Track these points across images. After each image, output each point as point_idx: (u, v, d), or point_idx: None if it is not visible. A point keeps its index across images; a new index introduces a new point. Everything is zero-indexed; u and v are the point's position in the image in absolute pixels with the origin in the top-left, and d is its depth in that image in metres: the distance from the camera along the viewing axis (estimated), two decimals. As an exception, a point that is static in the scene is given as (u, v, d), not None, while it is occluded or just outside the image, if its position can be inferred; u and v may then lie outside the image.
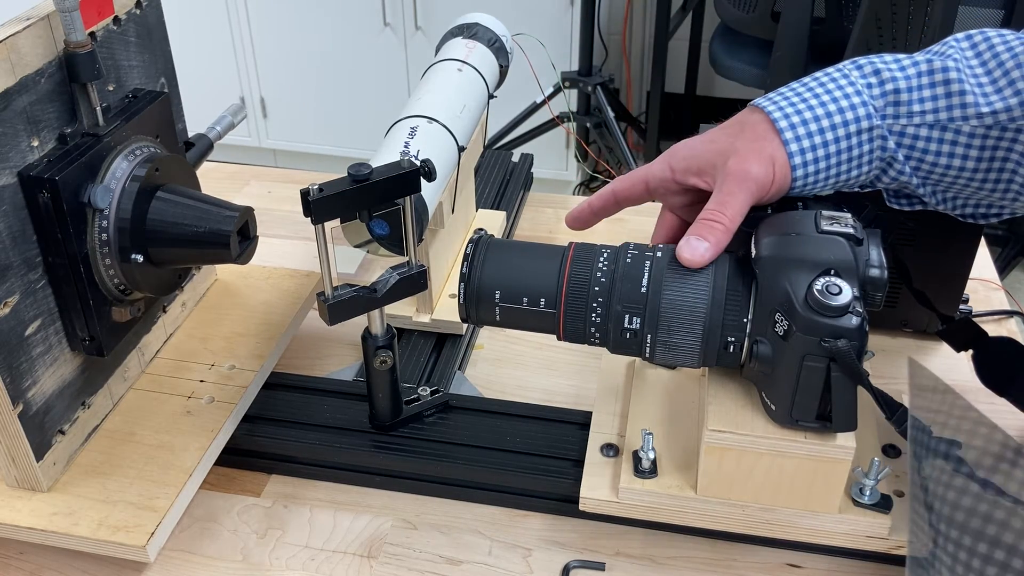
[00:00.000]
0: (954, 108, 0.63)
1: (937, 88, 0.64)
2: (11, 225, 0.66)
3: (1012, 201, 0.67)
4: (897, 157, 0.65)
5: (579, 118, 2.47)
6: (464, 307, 0.69)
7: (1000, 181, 0.65)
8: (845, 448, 0.65)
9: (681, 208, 0.70)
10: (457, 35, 1.00)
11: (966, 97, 0.63)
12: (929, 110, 0.64)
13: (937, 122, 0.64)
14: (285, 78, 2.79)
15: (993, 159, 0.64)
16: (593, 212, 0.73)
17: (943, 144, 0.64)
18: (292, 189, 1.18)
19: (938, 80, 0.64)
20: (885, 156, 0.65)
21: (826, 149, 0.64)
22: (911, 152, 0.65)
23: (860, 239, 0.63)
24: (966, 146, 0.64)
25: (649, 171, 0.69)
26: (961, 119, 0.63)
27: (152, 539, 0.69)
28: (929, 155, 0.65)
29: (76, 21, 0.67)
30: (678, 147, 0.68)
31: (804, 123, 0.63)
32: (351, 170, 0.68)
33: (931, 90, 0.64)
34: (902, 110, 0.64)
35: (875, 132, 0.64)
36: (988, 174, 0.65)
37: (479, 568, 0.73)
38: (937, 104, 0.64)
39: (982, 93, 0.63)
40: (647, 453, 0.71)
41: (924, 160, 0.65)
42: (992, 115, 0.62)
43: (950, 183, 0.66)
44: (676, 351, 0.66)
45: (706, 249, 0.63)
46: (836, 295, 0.60)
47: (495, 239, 0.71)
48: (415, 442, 0.80)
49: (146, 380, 0.84)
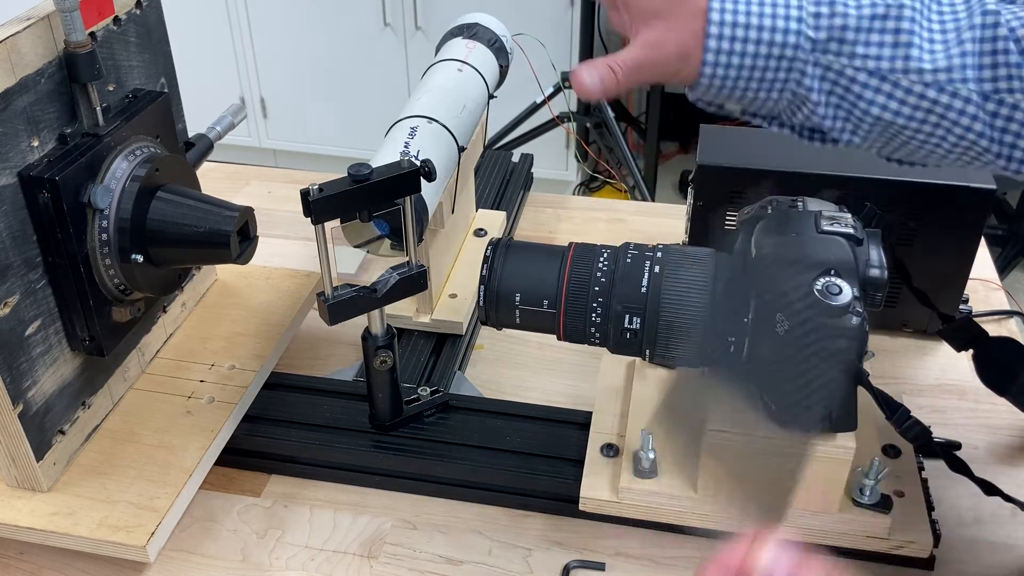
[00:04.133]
0: (897, 59, 0.60)
1: (886, 35, 0.60)
2: (11, 225, 0.66)
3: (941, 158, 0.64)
4: (811, 96, 0.63)
5: (579, 118, 2.47)
6: (484, 310, 0.69)
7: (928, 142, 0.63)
8: (845, 448, 0.65)
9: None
10: (457, 35, 1.00)
11: (911, 50, 0.60)
12: (872, 55, 0.61)
13: (878, 70, 0.61)
14: (285, 78, 2.79)
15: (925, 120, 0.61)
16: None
17: (879, 94, 0.61)
18: (292, 189, 1.18)
19: (889, 27, 0.60)
20: (799, 92, 0.63)
21: (740, 60, 0.62)
22: (845, 95, 0.62)
23: (860, 239, 0.63)
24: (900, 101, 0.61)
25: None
26: (902, 71, 0.60)
27: (152, 539, 0.69)
28: (862, 102, 0.62)
29: (76, 21, 0.67)
30: None
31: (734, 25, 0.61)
32: (351, 170, 0.68)
33: (879, 35, 0.60)
34: (845, 48, 0.61)
35: (795, 64, 0.62)
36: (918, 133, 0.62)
37: (479, 568, 0.73)
38: (882, 51, 0.60)
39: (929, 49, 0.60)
40: (647, 453, 0.71)
41: (857, 106, 0.62)
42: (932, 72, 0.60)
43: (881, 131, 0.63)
44: (676, 351, 0.66)
45: (595, 87, 0.63)
46: (836, 295, 0.60)
47: (515, 241, 0.71)
48: (415, 442, 0.80)
49: (146, 380, 0.84)
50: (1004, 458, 0.81)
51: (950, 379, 0.89)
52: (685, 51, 0.62)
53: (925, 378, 0.89)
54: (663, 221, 1.14)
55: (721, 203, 0.88)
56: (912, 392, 0.87)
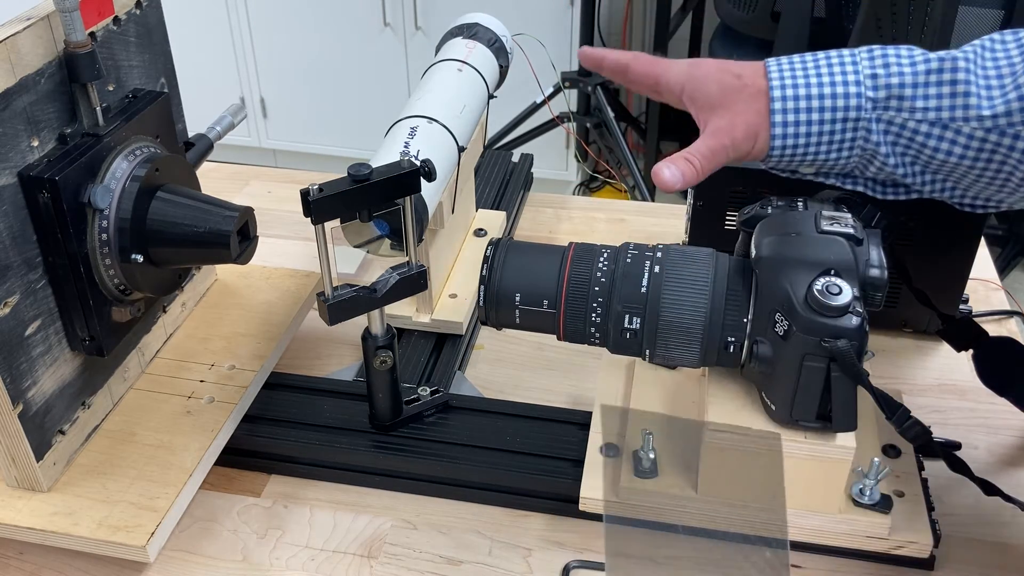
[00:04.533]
0: (956, 108, 0.64)
1: (943, 87, 0.64)
2: (11, 225, 0.66)
3: (1009, 195, 0.67)
4: (879, 151, 0.67)
5: (579, 118, 2.47)
6: (484, 310, 0.69)
7: (997, 179, 0.66)
8: (845, 448, 0.65)
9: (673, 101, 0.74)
10: (457, 35, 1.00)
11: (969, 99, 0.64)
12: (932, 107, 0.65)
13: (939, 120, 0.65)
14: (285, 78, 2.79)
15: (991, 160, 0.65)
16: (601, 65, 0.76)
17: (943, 141, 0.65)
18: (292, 189, 1.18)
19: (946, 79, 0.64)
20: (868, 147, 0.67)
21: (808, 128, 0.66)
22: (910, 144, 0.66)
23: (860, 239, 0.63)
24: (964, 146, 0.65)
25: (665, 74, 0.72)
26: (963, 120, 0.64)
27: (152, 539, 0.69)
28: (927, 149, 0.66)
29: (76, 21, 0.67)
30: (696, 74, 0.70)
31: (796, 99, 0.66)
32: (351, 170, 0.68)
33: (937, 88, 0.65)
34: (905, 104, 0.65)
35: (860, 123, 0.66)
36: (985, 172, 0.66)
37: (479, 568, 0.73)
38: (941, 103, 0.64)
39: (987, 95, 0.64)
40: (647, 453, 0.71)
41: (923, 153, 0.66)
42: (992, 118, 0.63)
43: (948, 173, 0.67)
44: (676, 351, 0.67)
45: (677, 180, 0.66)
46: (836, 295, 0.60)
47: (515, 241, 0.71)
48: (415, 442, 0.80)
49: (146, 380, 0.84)
50: (1004, 458, 0.81)
51: (950, 379, 0.89)
52: (753, 131, 0.67)
53: (925, 378, 0.89)
54: (663, 221, 1.14)
55: (721, 203, 0.88)
56: (912, 392, 0.87)
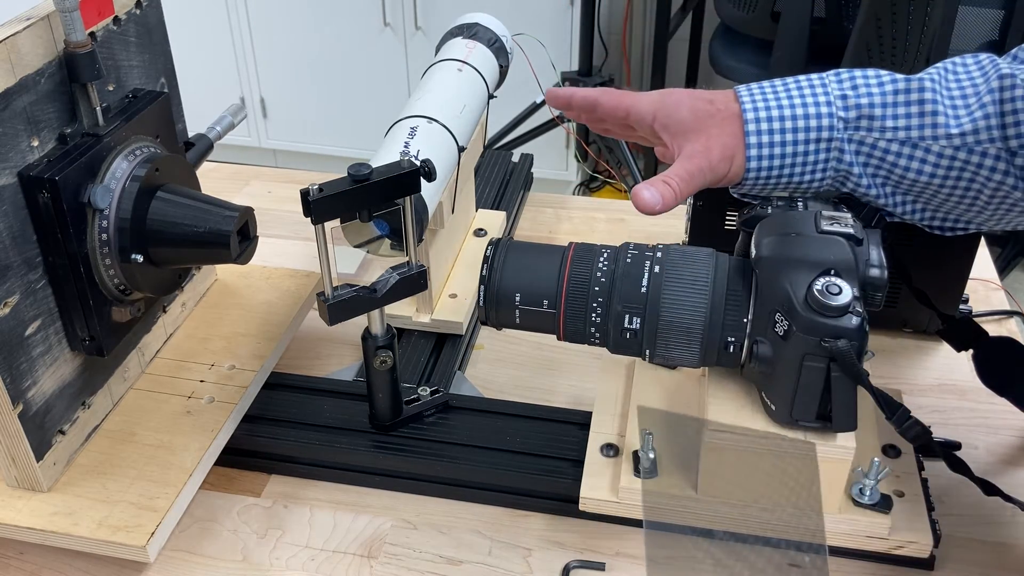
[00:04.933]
0: (925, 127, 0.66)
1: (912, 107, 0.66)
2: (11, 225, 0.66)
3: (978, 214, 0.68)
4: (852, 171, 0.68)
5: (579, 118, 2.47)
6: (484, 310, 0.69)
7: (966, 198, 0.68)
8: (845, 448, 0.65)
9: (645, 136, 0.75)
10: (457, 35, 1.00)
11: (937, 117, 0.65)
12: (901, 127, 0.66)
13: (908, 139, 0.66)
14: (285, 78, 2.79)
15: (960, 179, 0.66)
16: (570, 103, 0.77)
17: (912, 160, 0.66)
18: (292, 189, 1.18)
19: (913, 99, 0.66)
20: (841, 168, 0.68)
21: (783, 149, 0.67)
22: (881, 164, 0.68)
23: (860, 239, 0.63)
24: (935, 164, 0.66)
25: (636, 105, 0.72)
26: (931, 138, 0.65)
27: (152, 539, 0.69)
28: (898, 168, 0.67)
29: (76, 21, 0.67)
30: (668, 101, 0.71)
31: (769, 120, 0.67)
32: (351, 170, 0.68)
33: (905, 108, 0.66)
34: (875, 124, 0.66)
35: (832, 144, 0.67)
36: (954, 191, 0.67)
37: (479, 568, 0.73)
38: (910, 122, 0.66)
39: (954, 115, 0.65)
40: (647, 453, 0.71)
41: (893, 172, 0.68)
42: (960, 136, 0.65)
43: (918, 193, 0.69)
44: (676, 351, 0.66)
45: (656, 202, 0.67)
46: (836, 295, 0.60)
47: (515, 241, 0.71)
48: (415, 442, 0.80)
49: (146, 380, 0.84)
50: (1004, 458, 0.81)
51: (950, 379, 0.89)
52: (729, 152, 0.68)
53: (925, 378, 0.89)
54: (663, 221, 1.13)
55: (721, 203, 0.88)
56: (912, 392, 0.87)
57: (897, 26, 1.79)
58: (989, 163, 0.64)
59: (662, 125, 0.70)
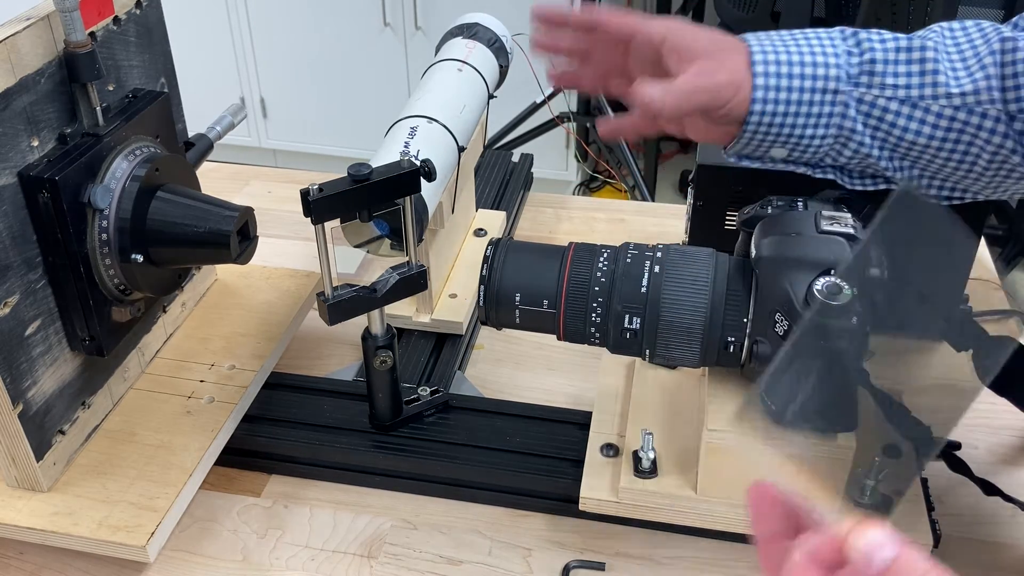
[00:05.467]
0: (926, 86, 0.64)
1: (912, 65, 0.65)
2: (11, 225, 0.66)
3: (975, 181, 0.67)
4: (856, 128, 0.66)
5: (579, 118, 2.47)
6: (484, 310, 0.69)
7: (964, 162, 0.66)
8: (845, 448, 0.65)
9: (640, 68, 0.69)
10: (457, 35, 1.00)
11: (938, 76, 0.64)
12: (902, 84, 0.65)
13: (908, 98, 0.65)
14: (285, 78, 2.79)
15: (959, 141, 0.65)
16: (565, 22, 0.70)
17: (911, 120, 0.65)
18: (292, 189, 1.17)
19: (915, 57, 0.65)
20: (844, 126, 0.66)
21: (788, 95, 0.65)
22: (880, 124, 0.66)
23: (860, 239, 0.63)
24: (933, 125, 0.65)
25: (644, 25, 0.68)
26: (931, 97, 0.64)
27: (152, 539, 0.69)
28: (897, 129, 0.66)
29: (76, 21, 0.67)
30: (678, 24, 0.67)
31: (777, 63, 0.65)
32: (351, 170, 0.68)
33: (907, 66, 0.65)
34: (876, 80, 0.65)
35: (839, 97, 0.65)
36: (953, 154, 0.66)
37: (479, 568, 0.73)
38: (910, 80, 0.65)
39: (954, 75, 0.64)
40: (647, 453, 0.71)
41: (892, 133, 0.66)
42: (960, 96, 0.64)
43: (916, 157, 0.67)
44: (676, 351, 0.66)
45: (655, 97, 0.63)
46: (836, 295, 0.60)
47: (515, 241, 0.71)
48: (415, 442, 0.80)
49: (146, 380, 0.84)
50: (1004, 458, 0.81)
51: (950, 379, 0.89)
52: (736, 80, 0.64)
53: (925, 378, 0.89)
54: (663, 221, 1.14)
55: (721, 203, 0.88)
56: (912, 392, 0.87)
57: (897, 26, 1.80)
58: (989, 125, 0.64)
59: (671, 47, 0.66)
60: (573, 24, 0.70)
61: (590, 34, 0.70)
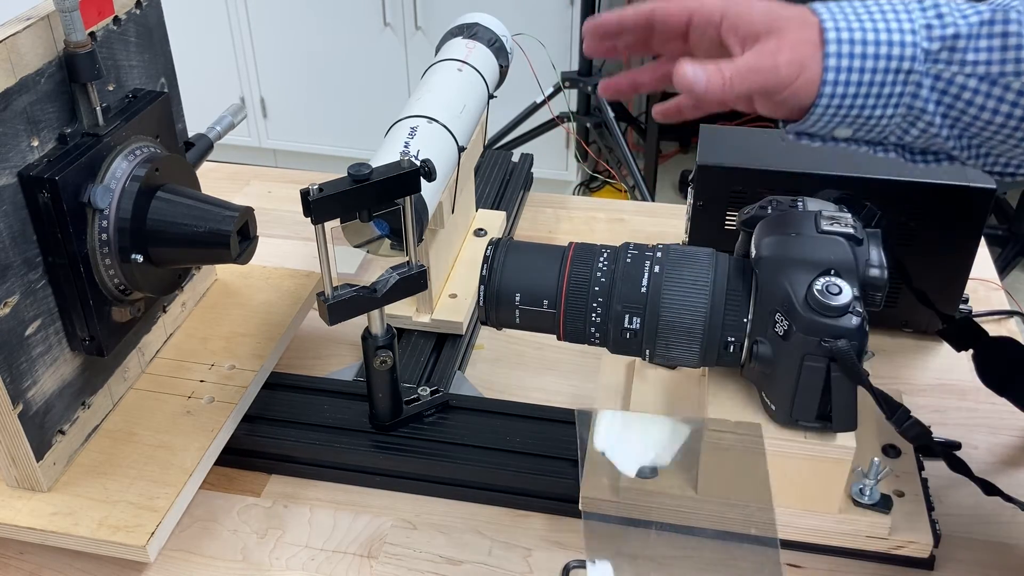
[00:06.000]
0: (1008, 63, 0.61)
1: (994, 40, 0.61)
2: (11, 225, 0.66)
3: None
4: (927, 109, 0.62)
5: (579, 118, 2.47)
6: (484, 310, 0.69)
7: None
8: (845, 448, 0.65)
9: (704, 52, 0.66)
10: (457, 35, 1.00)
11: (1021, 52, 0.60)
12: (982, 60, 0.61)
13: (988, 75, 0.61)
14: (285, 78, 2.79)
15: None
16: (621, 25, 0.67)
17: (989, 99, 0.61)
18: (292, 189, 1.18)
19: (996, 31, 0.61)
20: (915, 105, 0.62)
21: (860, 76, 0.61)
22: (955, 102, 0.62)
23: (860, 239, 0.63)
24: (1012, 103, 0.61)
25: (702, 6, 0.64)
26: (1013, 75, 0.60)
27: (152, 539, 0.69)
28: (973, 107, 0.62)
29: (76, 21, 0.67)
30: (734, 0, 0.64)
31: (851, 42, 0.61)
32: (351, 170, 0.68)
33: (988, 40, 0.61)
34: (956, 57, 0.61)
35: (911, 77, 0.61)
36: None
37: (479, 568, 0.73)
38: (992, 56, 0.61)
39: None
40: (647, 453, 0.71)
41: (967, 112, 0.62)
42: None
43: (988, 137, 0.63)
44: (676, 351, 0.67)
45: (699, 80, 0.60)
46: (836, 295, 0.60)
47: (515, 241, 0.71)
48: (415, 442, 0.80)
49: (146, 380, 0.84)
50: (1004, 458, 0.81)
51: (950, 379, 0.89)
52: (800, 60, 0.60)
53: (925, 378, 0.89)
54: (663, 221, 1.14)
55: (721, 203, 0.88)
56: (912, 392, 0.87)
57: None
58: None
59: (731, 26, 0.63)
60: (629, 24, 0.67)
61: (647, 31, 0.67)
